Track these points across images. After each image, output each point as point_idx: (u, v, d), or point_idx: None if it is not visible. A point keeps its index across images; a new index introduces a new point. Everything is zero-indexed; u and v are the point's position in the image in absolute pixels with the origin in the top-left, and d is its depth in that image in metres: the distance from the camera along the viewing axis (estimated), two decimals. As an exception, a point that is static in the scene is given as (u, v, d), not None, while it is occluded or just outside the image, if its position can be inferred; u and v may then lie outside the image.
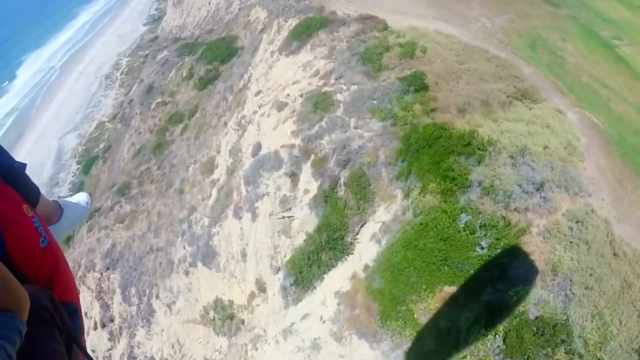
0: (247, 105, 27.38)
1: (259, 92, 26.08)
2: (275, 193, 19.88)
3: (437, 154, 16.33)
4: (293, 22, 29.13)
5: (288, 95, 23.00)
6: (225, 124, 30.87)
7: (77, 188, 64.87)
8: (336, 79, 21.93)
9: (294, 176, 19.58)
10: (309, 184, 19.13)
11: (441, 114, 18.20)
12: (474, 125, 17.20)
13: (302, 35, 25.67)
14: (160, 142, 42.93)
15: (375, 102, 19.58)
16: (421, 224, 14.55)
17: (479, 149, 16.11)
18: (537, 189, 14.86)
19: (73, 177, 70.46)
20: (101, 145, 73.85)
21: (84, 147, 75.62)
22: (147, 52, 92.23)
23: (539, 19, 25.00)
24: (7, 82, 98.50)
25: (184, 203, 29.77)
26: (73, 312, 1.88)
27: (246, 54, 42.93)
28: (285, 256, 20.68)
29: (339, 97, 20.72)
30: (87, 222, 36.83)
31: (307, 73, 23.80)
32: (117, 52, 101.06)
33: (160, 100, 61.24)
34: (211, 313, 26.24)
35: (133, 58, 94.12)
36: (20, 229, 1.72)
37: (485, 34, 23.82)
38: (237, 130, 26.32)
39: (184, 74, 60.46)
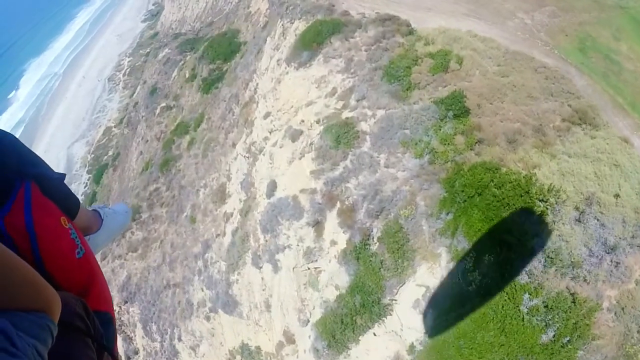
0: (255, 129, 24.48)
1: (268, 115, 23.12)
2: (297, 245, 17.22)
3: (489, 207, 13.35)
4: (300, 25, 25.81)
5: (302, 121, 20.03)
6: (234, 144, 28.08)
7: (90, 199, 63.41)
8: (357, 101, 18.82)
9: (317, 225, 16.84)
10: (335, 234, 16.39)
11: (488, 147, 15.09)
12: (529, 164, 14.12)
13: (312, 43, 22.42)
14: (167, 158, 40.42)
15: (407, 132, 16.49)
16: (479, 311, 11.82)
17: (539, 199, 13.14)
18: (608, 251, 12.19)
19: (85, 187, 68.96)
20: (110, 152, 72.02)
21: (93, 156, 73.89)
22: (148, 50, 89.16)
23: (584, 12, 21.23)
24: (13, 93, 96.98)
25: (197, 235, 27.40)
26: (107, 321, 1.86)
27: (249, 54, 39.66)
28: (313, 308, 18.17)
29: (364, 126, 17.68)
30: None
31: (322, 91, 20.70)
32: (118, 52, 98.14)
33: (164, 104, 58.57)
34: (238, 358, 24.18)
35: (134, 57, 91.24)
36: (56, 241, 1.71)
37: (526, 33, 20.27)
38: (247, 157, 23.56)
39: (187, 75, 57.45)
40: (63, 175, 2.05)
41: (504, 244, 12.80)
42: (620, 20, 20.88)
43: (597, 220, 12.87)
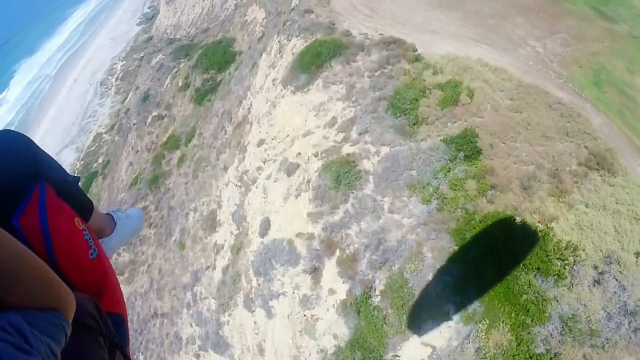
0: (248, 156, 23.16)
1: (262, 142, 21.81)
2: (293, 292, 15.91)
3: (503, 265, 12.19)
4: (297, 44, 24.56)
5: (299, 153, 18.75)
6: (225, 168, 26.73)
7: (80, 208, 61.59)
8: (360, 134, 17.58)
9: (315, 272, 15.56)
10: (334, 283, 15.09)
11: (502, 193, 13.89)
12: (546, 216, 12.94)
13: (310, 65, 21.14)
14: (157, 174, 38.97)
15: (414, 173, 15.25)
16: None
17: (557, 257, 12.02)
18: (627, 316, 11.40)
19: (74, 197, 67.10)
20: (100, 160, 70.32)
21: (82, 162, 72.07)
22: (141, 54, 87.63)
23: (596, 41, 20.14)
24: (3, 94, 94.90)
25: (186, 263, 26.00)
26: (120, 322, 1.89)
27: (244, 67, 38.38)
28: (310, 355, 16.88)
29: (367, 164, 16.42)
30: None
31: (321, 120, 19.43)
32: (111, 55, 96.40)
33: (156, 113, 57.10)
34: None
35: (128, 62, 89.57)
36: (70, 242, 1.73)
37: (538, 63, 19.11)
38: (239, 186, 22.23)
39: (180, 84, 56.05)
40: (77, 178, 2.03)
41: (519, 307, 11.63)
42: (633, 51, 19.83)
43: (617, 281, 11.86)
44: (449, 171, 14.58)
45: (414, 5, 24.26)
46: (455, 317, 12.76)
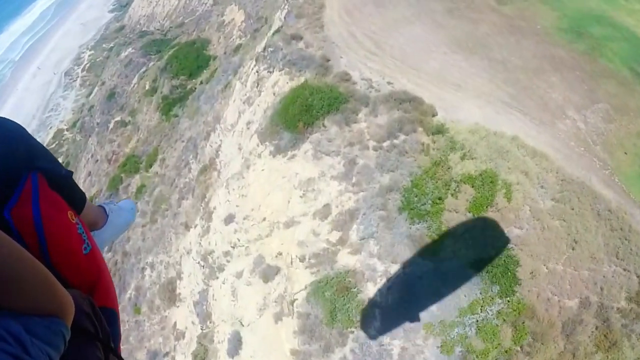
0: (214, 230, 17.09)
1: (230, 219, 15.81)
2: None
3: None
4: (280, 80, 18.51)
5: (279, 253, 12.96)
6: (187, 227, 20.57)
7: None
8: (362, 239, 11.92)
9: None
10: None
11: (542, 344, 9.27)
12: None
13: (297, 121, 15.24)
14: (112, 202, 32.06)
15: (434, 309, 10.07)
16: None
17: None
18: None
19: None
20: (59, 160, 61.58)
21: (41, 161, 63.17)
22: (111, 44, 78.53)
23: (639, 115, 15.38)
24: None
25: (142, 335, 20.16)
26: (113, 317, 1.76)
27: (216, 83, 31.86)
28: None
29: (372, 291, 10.87)
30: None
31: (310, 205, 13.64)
32: (79, 43, 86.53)
33: (119, 118, 49.51)
34: None
35: (96, 52, 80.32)
36: (63, 236, 1.59)
37: (580, 144, 14.13)
38: (203, 267, 16.20)
39: (147, 87, 48.56)
40: (70, 173, 1.86)
41: None
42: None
43: None
44: (480, 311, 9.26)
45: (429, 43, 18.56)
46: None
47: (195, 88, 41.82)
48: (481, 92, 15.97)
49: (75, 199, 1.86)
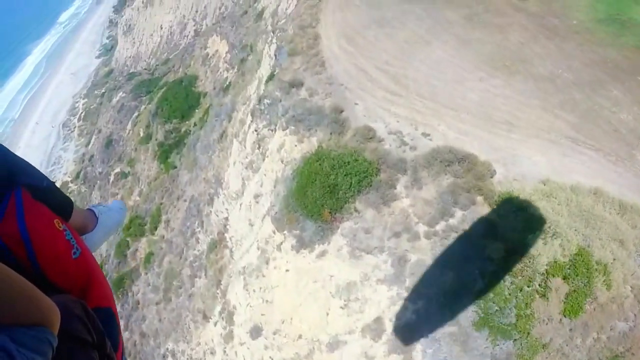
0: (238, 337, 12.77)
1: (257, 332, 11.55)
2: None
3: None
4: (287, 142, 14.19)
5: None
6: (205, 317, 16.32)
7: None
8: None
9: None
10: None
11: None
12: None
13: (321, 206, 10.83)
14: (122, 275, 27.90)
15: None
16: None
17: None
18: None
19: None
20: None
21: (50, 218, 59.09)
22: (103, 90, 74.21)
23: None
24: (-39, 143, 79.33)
25: None
26: (110, 316, 1.69)
27: (210, 130, 27.49)
28: None
29: None
30: None
31: (356, 319, 9.42)
32: (72, 93, 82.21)
33: (119, 170, 45.32)
34: None
35: (89, 99, 76.04)
36: (51, 244, 1.54)
37: None
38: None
39: (141, 134, 44.21)
40: (52, 183, 1.77)
41: None
42: None
43: None
44: None
45: (458, 68, 14.14)
46: None
47: (190, 131, 37.53)
48: (538, 128, 11.54)
49: (62, 206, 1.75)
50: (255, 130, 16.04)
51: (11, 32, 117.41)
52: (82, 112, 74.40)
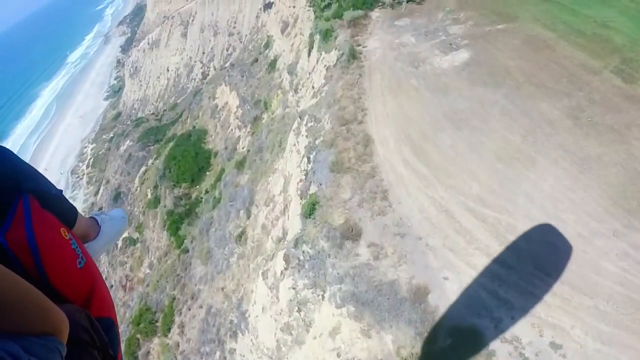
0: None
1: None
2: None
3: None
4: (344, 329, 9.39)
5: None
6: None
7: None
8: None
9: None
10: None
11: None
12: None
13: None
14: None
15: None
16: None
17: None
18: None
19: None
20: (78, 273, 52.98)
21: (59, 276, 54.66)
22: (111, 134, 70.49)
23: None
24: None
25: None
26: (110, 325, 1.62)
27: (226, 218, 22.75)
28: None
29: None
30: None
31: None
32: (80, 137, 78.71)
33: (127, 235, 40.63)
34: None
35: (97, 144, 72.31)
36: (57, 253, 1.48)
37: None
38: None
39: (149, 195, 39.74)
40: (60, 191, 1.69)
41: None
42: None
43: None
44: None
45: (582, 211, 9.22)
46: None
47: (201, 199, 33.00)
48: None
49: (67, 215, 1.70)
50: (293, 288, 11.25)
51: (22, 73, 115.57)
52: (90, 158, 70.55)
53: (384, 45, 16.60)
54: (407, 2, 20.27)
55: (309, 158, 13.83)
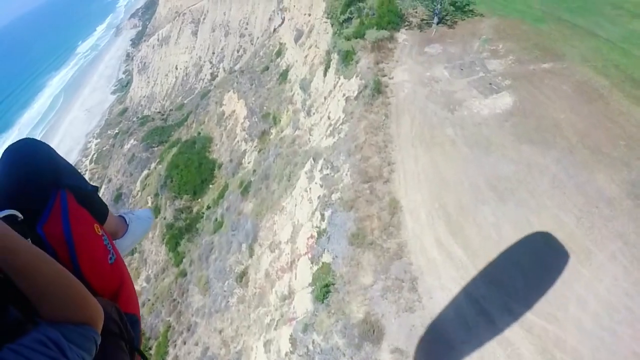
0: None
1: None
2: None
3: None
4: None
5: None
6: None
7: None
8: None
9: None
10: None
11: None
12: None
13: None
14: None
15: None
16: None
17: None
18: None
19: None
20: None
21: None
22: (116, 130, 68.89)
23: None
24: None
25: None
26: (135, 322, 1.67)
27: (227, 252, 20.87)
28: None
29: None
30: None
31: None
32: (85, 131, 77.11)
33: (126, 242, 38.85)
34: None
35: (102, 140, 70.69)
36: (91, 248, 1.54)
37: None
38: None
39: (149, 203, 37.92)
40: (96, 188, 1.75)
41: None
42: None
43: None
44: None
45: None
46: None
47: (203, 215, 31.19)
48: None
49: (100, 211, 1.75)
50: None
51: (32, 62, 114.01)
52: (94, 154, 68.94)
53: (413, 79, 14.54)
54: (438, 24, 18.21)
55: (322, 215, 11.88)
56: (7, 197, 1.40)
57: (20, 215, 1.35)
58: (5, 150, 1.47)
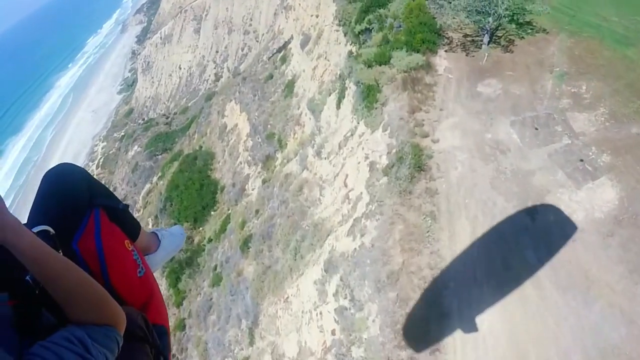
0: None
1: None
2: None
3: None
4: None
5: None
6: None
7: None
8: None
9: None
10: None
11: None
12: None
13: None
14: None
15: None
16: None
17: None
18: None
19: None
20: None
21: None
22: (122, 132, 65.39)
23: None
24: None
25: None
26: (163, 333, 1.69)
27: (227, 321, 17.01)
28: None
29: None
30: None
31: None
32: (92, 133, 73.68)
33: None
34: None
35: (108, 143, 67.30)
36: (121, 262, 1.60)
37: None
38: None
39: (150, 224, 34.24)
40: (127, 206, 1.79)
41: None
42: None
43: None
44: None
45: None
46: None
47: (204, 247, 27.45)
48: None
49: (131, 228, 1.81)
50: None
51: (40, 62, 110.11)
52: (100, 158, 65.57)
53: (468, 144, 9.89)
54: (489, 44, 13.45)
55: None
56: (44, 215, 1.46)
57: (52, 230, 1.40)
58: (46, 174, 1.58)
